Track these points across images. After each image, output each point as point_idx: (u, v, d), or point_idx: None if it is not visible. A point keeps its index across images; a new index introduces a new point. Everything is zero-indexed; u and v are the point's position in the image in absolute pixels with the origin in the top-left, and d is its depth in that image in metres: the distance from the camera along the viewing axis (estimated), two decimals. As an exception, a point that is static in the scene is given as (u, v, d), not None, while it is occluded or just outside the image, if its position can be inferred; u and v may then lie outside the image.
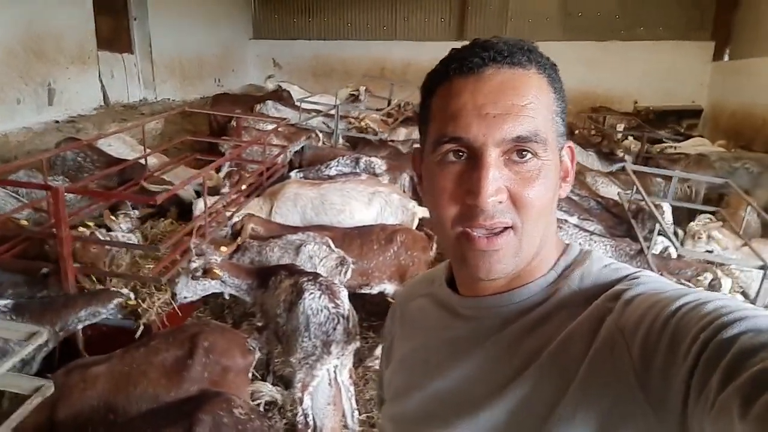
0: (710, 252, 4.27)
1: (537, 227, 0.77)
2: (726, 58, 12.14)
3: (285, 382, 3.85)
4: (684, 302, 0.64)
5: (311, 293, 3.04)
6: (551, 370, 0.72)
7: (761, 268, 3.17)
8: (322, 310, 2.99)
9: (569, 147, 0.83)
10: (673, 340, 0.61)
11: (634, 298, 0.70)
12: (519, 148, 0.74)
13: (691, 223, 4.30)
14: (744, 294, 3.82)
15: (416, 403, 0.90)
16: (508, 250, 0.76)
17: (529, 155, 0.75)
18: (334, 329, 2.95)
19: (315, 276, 3.22)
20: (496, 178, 0.73)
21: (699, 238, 4.15)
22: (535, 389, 0.73)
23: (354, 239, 4.20)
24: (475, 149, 0.74)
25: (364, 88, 9.68)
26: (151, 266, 4.08)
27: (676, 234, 4.55)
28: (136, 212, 4.52)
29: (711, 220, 5.06)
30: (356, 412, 3.26)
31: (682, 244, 4.17)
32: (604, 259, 0.82)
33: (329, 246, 3.86)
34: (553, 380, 0.71)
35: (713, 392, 0.54)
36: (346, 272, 3.73)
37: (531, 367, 0.74)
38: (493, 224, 0.74)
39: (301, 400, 2.98)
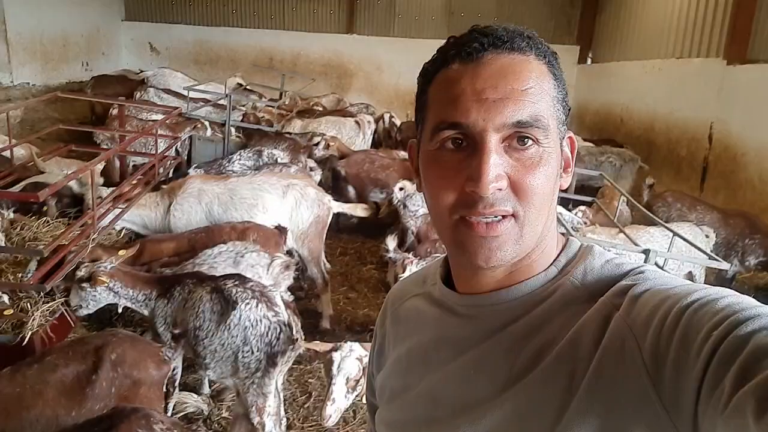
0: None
1: (539, 216, 0.75)
2: (589, 61, 13.38)
3: (190, 389, 3.63)
4: (695, 298, 0.63)
5: (247, 303, 2.79)
6: (559, 371, 0.70)
7: (644, 252, 3.53)
8: (261, 321, 2.76)
9: (570, 137, 0.82)
10: (685, 337, 0.60)
11: (641, 294, 0.68)
12: (520, 134, 0.72)
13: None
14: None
15: (415, 405, 0.87)
16: (509, 236, 0.73)
17: (530, 141, 0.73)
18: (278, 339, 2.74)
19: (241, 280, 2.97)
20: (496, 164, 0.71)
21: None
22: (543, 390, 0.70)
23: (202, 243, 3.90)
24: (475, 135, 0.72)
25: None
26: (25, 273, 3.60)
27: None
28: (10, 212, 3.96)
29: (585, 212, 5.62)
30: (284, 419, 3.14)
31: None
32: (606, 254, 0.80)
33: (266, 252, 3.66)
34: (562, 381, 0.69)
35: (726, 392, 0.53)
36: (290, 275, 3.58)
37: (537, 368, 0.72)
38: (494, 212, 0.72)
39: (263, 426, 2.73)
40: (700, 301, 0.62)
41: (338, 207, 4.61)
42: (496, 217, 0.72)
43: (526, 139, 0.73)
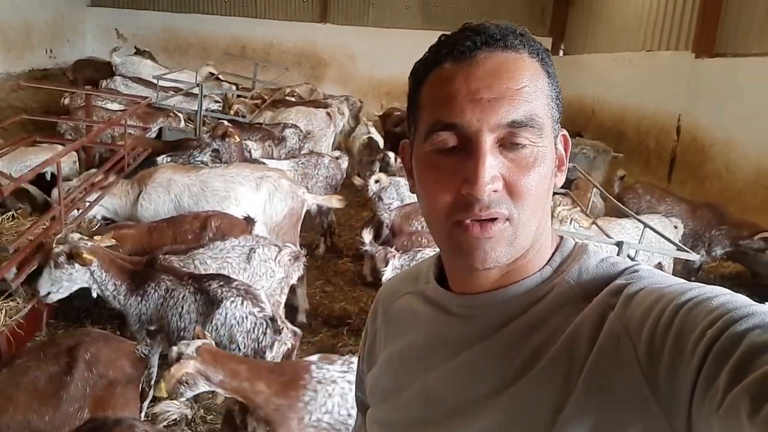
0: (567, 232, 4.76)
1: (533, 218, 0.75)
2: (561, 53, 13.51)
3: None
4: (690, 297, 0.63)
5: (232, 301, 2.83)
6: (555, 371, 0.70)
7: (617, 244, 3.59)
8: (247, 317, 2.81)
9: (563, 135, 0.81)
10: (679, 336, 0.60)
11: (636, 294, 0.68)
12: (514, 134, 0.72)
13: (558, 208, 4.74)
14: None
15: (408, 405, 0.86)
16: (503, 238, 0.73)
17: (525, 141, 0.72)
18: (264, 334, 2.79)
19: (227, 280, 2.99)
20: (492, 166, 0.71)
21: (564, 222, 4.61)
22: (539, 391, 0.70)
23: (164, 231, 3.88)
24: (470, 136, 0.72)
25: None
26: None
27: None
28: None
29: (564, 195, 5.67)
30: None
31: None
32: (600, 253, 0.80)
33: (276, 245, 3.62)
34: (558, 381, 0.69)
35: (721, 391, 0.53)
36: (301, 266, 3.59)
37: (534, 369, 0.72)
38: (489, 214, 0.71)
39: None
40: (695, 299, 0.62)
41: (313, 199, 4.57)
42: (490, 219, 0.72)
43: (521, 139, 0.72)
